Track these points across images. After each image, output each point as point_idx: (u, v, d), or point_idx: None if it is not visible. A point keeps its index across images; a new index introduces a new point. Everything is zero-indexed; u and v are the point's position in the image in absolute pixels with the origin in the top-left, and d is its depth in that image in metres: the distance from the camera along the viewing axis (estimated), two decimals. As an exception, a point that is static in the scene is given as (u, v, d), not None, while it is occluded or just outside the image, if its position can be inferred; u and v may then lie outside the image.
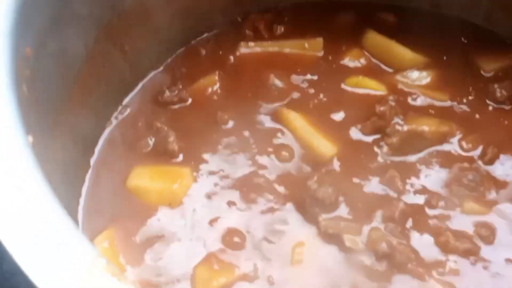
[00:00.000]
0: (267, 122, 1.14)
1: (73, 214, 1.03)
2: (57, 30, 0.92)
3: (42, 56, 0.88)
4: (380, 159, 1.10)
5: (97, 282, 0.62)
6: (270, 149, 1.11)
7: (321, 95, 1.18)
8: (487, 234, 1.01)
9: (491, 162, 1.09)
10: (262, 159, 1.10)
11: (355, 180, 1.07)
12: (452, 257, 1.00)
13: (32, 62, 0.84)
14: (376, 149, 1.11)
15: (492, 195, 1.06)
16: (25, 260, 0.63)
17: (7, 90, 0.74)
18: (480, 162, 1.10)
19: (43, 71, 0.89)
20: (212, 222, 1.03)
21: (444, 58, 1.22)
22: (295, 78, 1.20)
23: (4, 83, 0.74)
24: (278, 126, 1.14)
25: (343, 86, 1.19)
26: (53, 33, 0.91)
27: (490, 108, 1.17)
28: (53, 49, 0.92)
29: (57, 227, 0.65)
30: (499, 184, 1.07)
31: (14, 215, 0.65)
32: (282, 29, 1.28)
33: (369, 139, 1.13)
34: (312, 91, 1.18)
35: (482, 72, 1.22)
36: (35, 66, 0.85)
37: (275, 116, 1.14)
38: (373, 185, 1.07)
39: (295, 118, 1.13)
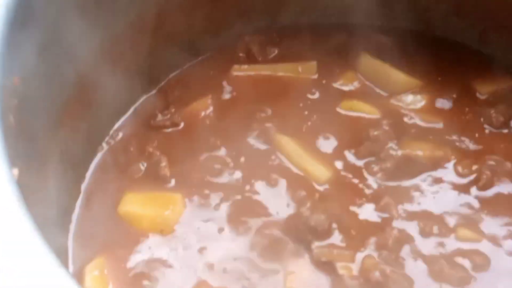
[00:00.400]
0: (260, 146, 1.13)
1: (63, 240, 1.02)
2: (46, 56, 0.91)
3: (31, 83, 0.87)
4: (373, 184, 1.09)
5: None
6: (262, 174, 1.10)
7: (315, 119, 1.17)
8: (482, 262, 1.00)
9: (485, 188, 1.08)
10: (255, 185, 1.09)
11: (349, 206, 1.06)
12: (446, 286, 0.98)
13: (20, 90, 0.83)
14: (369, 174, 1.10)
15: (486, 221, 1.05)
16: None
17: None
18: (474, 188, 1.08)
19: (32, 99, 0.88)
20: (203, 249, 1.02)
21: (439, 81, 1.21)
22: (289, 102, 1.19)
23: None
24: (271, 151, 1.13)
25: (337, 109, 1.18)
26: (42, 60, 0.90)
27: (486, 131, 1.16)
28: (42, 76, 0.91)
29: (41, 266, 0.64)
30: (493, 211, 1.06)
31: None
32: (276, 51, 1.27)
33: (363, 163, 1.11)
34: (305, 114, 1.18)
35: (477, 95, 1.21)
36: (24, 94, 0.84)
37: (268, 141, 1.13)
38: (367, 212, 1.06)
39: (287, 143, 1.12)
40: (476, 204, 1.07)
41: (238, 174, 1.10)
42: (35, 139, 0.91)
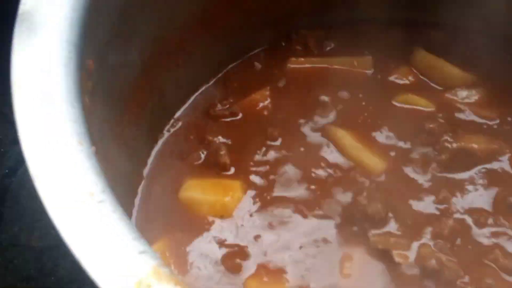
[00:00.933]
0: (316, 138, 1.15)
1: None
2: (117, 44, 0.94)
3: (102, 68, 0.90)
4: (429, 176, 1.10)
5: (161, 288, 0.63)
6: (319, 165, 1.12)
7: (370, 111, 1.19)
8: None
9: None
10: (312, 175, 1.11)
11: (404, 196, 1.08)
12: (501, 275, 0.99)
13: (94, 74, 0.86)
14: (425, 165, 1.11)
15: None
16: (91, 266, 0.64)
17: (73, 102, 0.75)
18: None
19: (103, 84, 0.91)
20: (261, 235, 1.04)
21: (493, 76, 1.22)
22: (344, 95, 1.21)
23: (71, 94, 0.76)
24: (327, 142, 1.15)
25: (392, 103, 1.20)
26: (113, 46, 0.93)
27: (541, 127, 1.17)
28: (112, 62, 0.94)
29: (122, 234, 0.67)
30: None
31: (82, 222, 0.66)
32: (332, 45, 1.29)
33: (418, 155, 1.13)
34: (361, 107, 1.19)
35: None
36: (96, 79, 0.87)
37: (324, 133, 1.16)
38: (423, 202, 1.07)
39: (343, 136, 1.14)
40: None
41: (294, 164, 1.12)
42: (104, 122, 0.94)
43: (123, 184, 1.03)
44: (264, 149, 1.14)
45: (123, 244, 0.66)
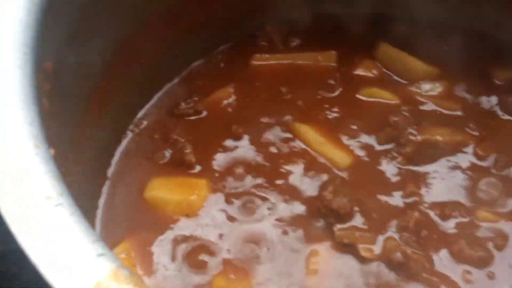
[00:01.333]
0: (281, 134, 1.16)
1: (90, 225, 1.04)
2: (76, 44, 0.93)
3: (61, 70, 0.89)
4: (394, 169, 1.11)
5: (120, 292, 0.63)
6: (284, 161, 1.12)
7: (335, 106, 1.19)
8: (501, 242, 1.02)
9: (502, 169, 1.10)
10: (277, 171, 1.11)
11: (370, 190, 1.08)
12: (466, 266, 1.00)
13: (52, 76, 0.85)
14: (390, 159, 1.12)
15: (505, 202, 1.07)
16: (48, 270, 0.64)
17: (30, 104, 0.74)
18: (493, 171, 1.10)
19: (62, 85, 0.90)
20: (228, 232, 1.04)
21: (456, 68, 1.22)
22: (309, 90, 1.21)
23: (27, 97, 0.75)
24: (292, 138, 1.15)
25: (356, 97, 1.20)
26: (72, 47, 0.92)
27: (503, 117, 1.18)
28: (72, 63, 0.93)
29: (80, 238, 0.66)
30: (508, 191, 1.08)
31: (38, 226, 0.66)
32: (297, 41, 1.29)
33: (383, 149, 1.13)
34: (326, 101, 1.20)
35: (494, 81, 1.22)
36: (55, 80, 0.86)
37: (289, 129, 1.16)
38: (388, 195, 1.08)
39: (307, 131, 1.14)
40: (495, 185, 1.08)
41: (260, 161, 1.12)
42: (65, 124, 0.93)
43: (86, 185, 1.03)
44: (229, 146, 1.14)
45: (81, 248, 0.66)
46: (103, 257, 0.66)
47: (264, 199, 1.08)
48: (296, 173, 1.11)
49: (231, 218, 1.06)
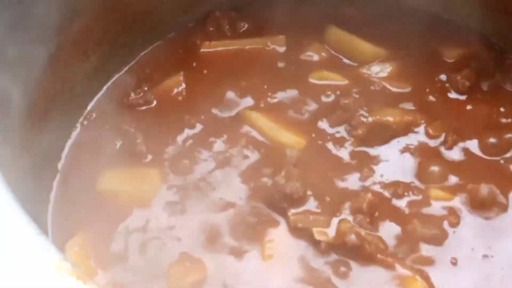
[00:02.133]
0: (233, 122, 1.15)
1: (42, 219, 1.03)
2: (16, 36, 0.92)
3: (2, 62, 0.88)
4: (346, 151, 1.11)
5: (62, 285, 0.62)
6: (236, 148, 1.11)
7: (286, 90, 1.18)
8: (454, 220, 1.03)
9: (451, 148, 1.11)
10: (229, 158, 1.10)
11: (323, 173, 1.08)
12: (421, 245, 1.01)
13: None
14: (342, 141, 1.12)
15: (455, 180, 1.08)
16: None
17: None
18: (442, 149, 1.11)
19: (3, 79, 0.89)
20: (181, 222, 1.04)
21: (406, 49, 1.23)
22: (259, 75, 1.20)
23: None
24: (243, 125, 1.14)
25: (307, 80, 1.20)
26: (13, 38, 0.91)
27: (452, 96, 1.18)
28: (14, 55, 0.92)
29: (21, 233, 0.66)
30: (460, 169, 1.09)
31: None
32: (246, 26, 1.28)
33: (335, 131, 1.13)
34: (276, 86, 1.19)
35: (444, 59, 1.23)
36: (-6, 74, 0.85)
37: (239, 116, 1.15)
38: (341, 178, 1.08)
39: (258, 118, 1.14)
40: (446, 164, 1.09)
41: (212, 149, 1.12)
42: (9, 117, 0.92)
43: (36, 179, 1.01)
44: (181, 136, 1.13)
45: (23, 241, 0.65)
46: (45, 250, 0.65)
47: (217, 188, 1.07)
48: (249, 160, 1.10)
49: (184, 208, 1.05)
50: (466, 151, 1.11)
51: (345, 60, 1.23)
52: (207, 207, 1.05)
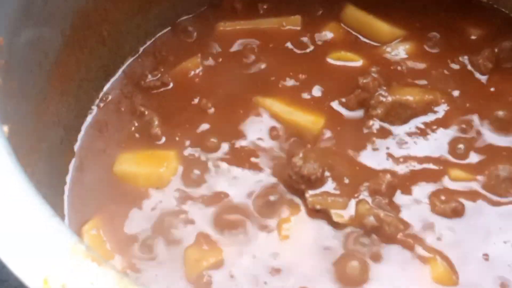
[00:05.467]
0: (249, 105, 1.13)
1: (58, 202, 1.03)
2: (31, 17, 0.91)
3: (16, 45, 0.87)
4: (365, 131, 1.10)
5: (77, 267, 0.61)
6: (254, 131, 1.11)
7: (304, 70, 1.17)
8: (472, 199, 1.02)
9: (470, 128, 1.10)
10: (246, 141, 1.10)
11: (341, 154, 1.07)
12: (442, 222, 1.00)
13: (6, 51, 0.83)
14: (360, 121, 1.11)
15: (476, 160, 1.07)
16: (3, 249, 0.62)
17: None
18: (461, 130, 1.10)
19: (19, 60, 0.88)
20: (199, 203, 1.03)
21: (425, 28, 1.21)
22: (277, 56, 1.19)
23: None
24: (260, 108, 1.13)
25: (324, 60, 1.18)
26: (27, 20, 0.90)
27: (474, 76, 1.16)
28: (28, 37, 0.91)
29: (35, 215, 0.65)
30: (483, 150, 1.08)
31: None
32: (263, 6, 1.26)
33: (354, 112, 1.12)
34: (294, 67, 1.18)
35: (466, 38, 1.21)
36: (10, 55, 0.84)
37: (254, 101, 1.14)
38: (360, 158, 1.07)
39: (272, 103, 1.13)
40: (467, 143, 1.08)
41: (228, 132, 1.11)
42: (25, 100, 0.92)
43: (52, 162, 1.01)
44: (197, 118, 1.12)
45: (37, 224, 0.64)
46: (59, 233, 0.64)
47: (235, 170, 1.06)
48: (266, 142, 1.09)
49: (200, 190, 1.04)
50: (485, 132, 1.10)
51: (363, 40, 1.21)
52: (223, 188, 1.05)
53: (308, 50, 1.20)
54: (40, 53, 0.96)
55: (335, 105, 1.13)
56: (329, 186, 1.03)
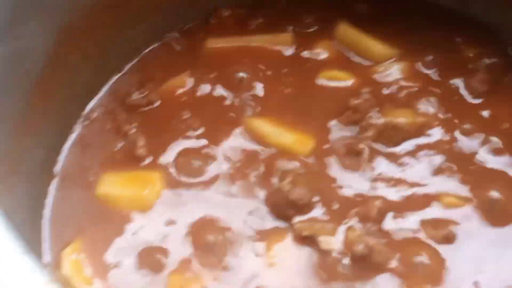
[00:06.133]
0: (238, 124, 1.11)
1: (38, 226, 1.00)
2: (12, 32, 0.89)
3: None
4: (356, 154, 1.07)
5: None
6: (242, 150, 1.08)
7: (293, 90, 1.14)
8: (464, 226, 1.00)
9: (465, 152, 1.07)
10: (234, 162, 1.07)
11: (331, 178, 1.04)
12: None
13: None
14: (352, 144, 1.07)
15: (468, 186, 1.04)
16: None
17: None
18: (456, 152, 1.07)
19: None
20: (183, 227, 1.01)
21: (418, 48, 1.18)
22: (266, 74, 1.16)
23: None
24: (248, 128, 1.10)
25: (315, 80, 1.15)
26: (8, 35, 0.88)
27: (468, 99, 1.14)
28: (8, 53, 0.89)
29: (6, 252, 0.62)
30: (474, 175, 1.05)
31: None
32: (253, 23, 1.23)
33: (345, 133, 1.09)
34: (283, 86, 1.15)
35: (459, 60, 1.18)
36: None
37: (244, 120, 1.11)
38: (349, 183, 1.04)
39: (261, 125, 1.10)
40: (460, 169, 1.05)
41: (216, 152, 1.08)
42: (4, 120, 0.89)
43: (31, 184, 0.99)
44: (184, 138, 1.09)
45: (9, 263, 0.62)
46: (32, 271, 0.62)
47: (221, 193, 1.04)
48: (255, 165, 1.06)
49: (184, 214, 1.02)
50: (478, 156, 1.07)
51: (356, 59, 1.18)
52: (208, 212, 1.02)
53: (299, 68, 1.17)
54: (21, 70, 0.94)
55: (326, 126, 1.10)
56: (318, 212, 1.00)
